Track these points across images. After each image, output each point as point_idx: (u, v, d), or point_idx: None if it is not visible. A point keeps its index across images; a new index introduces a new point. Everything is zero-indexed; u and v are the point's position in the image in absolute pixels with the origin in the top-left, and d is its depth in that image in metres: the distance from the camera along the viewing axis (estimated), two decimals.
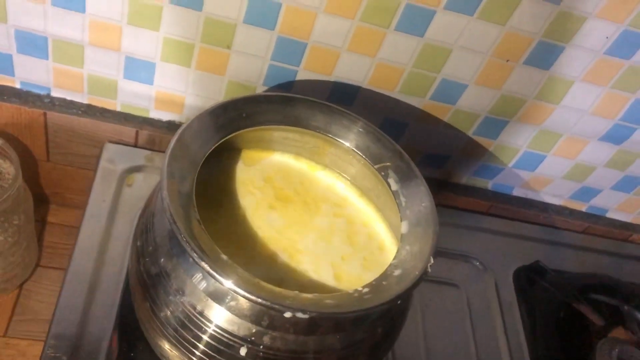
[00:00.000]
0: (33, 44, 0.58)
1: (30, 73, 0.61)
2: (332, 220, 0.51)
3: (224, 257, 0.39)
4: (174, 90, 0.63)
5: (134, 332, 0.50)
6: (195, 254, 0.37)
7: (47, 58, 0.59)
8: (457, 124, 0.66)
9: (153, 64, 0.60)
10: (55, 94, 0.63)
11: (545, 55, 0.58)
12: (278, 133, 0.51)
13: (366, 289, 0.40)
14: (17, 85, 0.62)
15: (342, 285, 0.46)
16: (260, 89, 0.62)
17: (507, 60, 0.59)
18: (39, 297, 0.67)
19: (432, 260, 0.42)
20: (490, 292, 0.68)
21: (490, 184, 0.75)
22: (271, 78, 0.61)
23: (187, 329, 0.41)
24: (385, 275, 0.42)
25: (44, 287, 0.68)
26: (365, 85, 0.62)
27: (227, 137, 0.46)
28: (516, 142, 0.68)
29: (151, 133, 0.65)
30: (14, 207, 0.57)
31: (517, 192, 0.76)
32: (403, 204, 0.47)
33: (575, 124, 0.66)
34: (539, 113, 0.65)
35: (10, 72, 0.61)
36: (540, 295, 0.68)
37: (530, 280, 0.69)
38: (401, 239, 0.45)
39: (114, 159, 0.64)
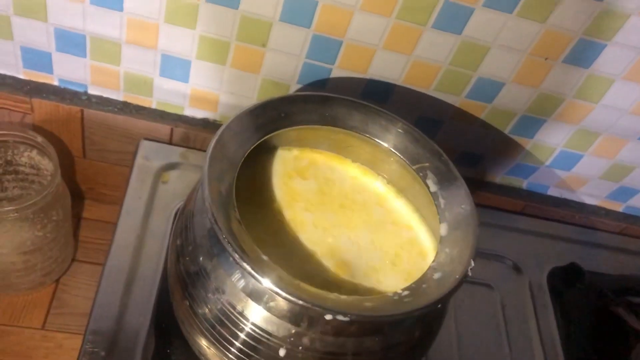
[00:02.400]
0: (71, 42, 0.59)
1: (68, 71, 0.62)
2: (370, 220, 0.51)
3: (265, 257, 0.39)
4: (208, 88, 0.63)
5: (171, 328, 0.50)
6: (236, 255, 0.37)
7: (85, 56, 0.60)
8: (493, 122, 0.65)
9: (189, 61, 0.60)
10: (92, 91, 0.64)
11: (585, 53, 0.57)
12: (315, 132, 0.50)
13: (406, 292, 0.40)
14: (56, 83, 0.63)
15: (381, 286, 0.45)
16: (293, 87, 0.62)
17: (546, 59, 0.58)
18: (75, 291, 0.68)
19: (472, 264, 0.42)
20: (524, 293, 0.67)
21: (525, 183, 0.74)
22: (305, 76, 0.61)
23: (225, 327, 0.41)
24: (425, 278, 0.41)
25: (79, 281, 0.69)
26: (400, 83, 0.61)
27: (265, 137, 0.46)
28: (553, 141, 0.67)
29: (186, 130, 0.66)
30: (52, 204, 0.58)
31: (552, 191, 0.74)
32: (442, 205, 0.47)
33: (615, 123, 0.64)
34: (577, 112, 0.63)
35: (49, 69, 0.62)
36: (576, 297, 0.67)
37: (565, 282, 0.68)
38: (440, 242, 0.45)
39: (149, 156, 0.64)
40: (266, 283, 0.37)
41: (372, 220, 0.51)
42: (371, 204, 0.52)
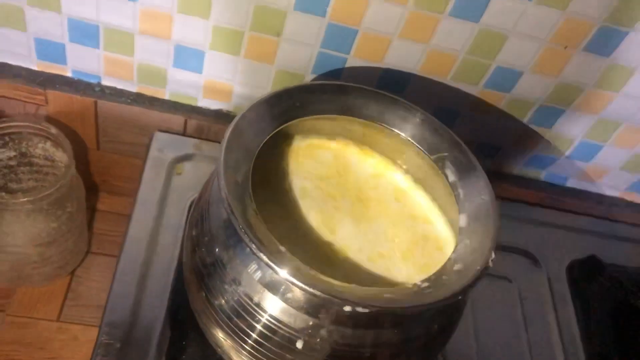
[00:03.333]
0: (85, 33, 0.58)
1: (81, 62, 0.61)
2: (387, 211, 0.50)
3: (282, 248, 0.38)
4: (222, 79, 0.62)
5: (186, 320, 0.50)
6: (253, 245, 0.37)
7: (98, 47, 0.60)
8: (511, 112, 0.64)
9: (202, 52, 0.60)
10: (105, 82, 0.63)
11: (606, 41, 0.56)
12: (331, 122, 0.50)
13: (425, 284, 0.39)
14: (69, 74, 0.63)
15: (399, 278, 0.45)
16: (308, 78, 0.61)
17: (566, 47, 0.57)
18: (89, 283, 0.68)
19: (493, 256, 0.41)
20: (542, 286, 0.66)
21: (543, 175, 0.72)
22: (320, 66, 0.60)
23: (242, 319, 0.41)
24: (444, 270, 0.41)
25: (94, 273, 0.69)
26: (416, 72, 0.60)
27: (281, 127, 0.45)
28: (572, 132, 0.66)
29: (199, 122, 0.65)
30: (67, 195, 0.58)
31: (571, 183, 0.73)
32: (461, 196, 0.46)
33: (636, 112, 0.63)
34: (598, 101, 0.62)
35: (63, 60, 0.61)
36: (596, 290, 0.66)
37: (584, 275, 0.67)
38: (460, 233, 0.44)
39: (163, 147, 0.64)
40: (283, 274, 0.36)
41: (390, 211, 0.50)
42: (389, 196, 0.51)
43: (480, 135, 0.67)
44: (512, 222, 0.70)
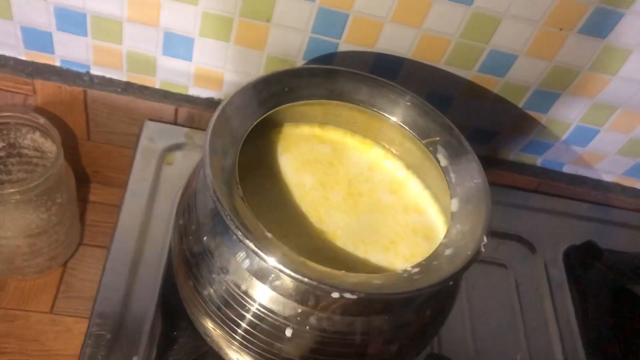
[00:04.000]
0: (72, 21, 0.57)
1: (69, 51, 0.60)
2: (378, 197, 0.49)
3: (269, 234, 0.37)
4: (212, 67, 0.61)
5: (177, 310, 0.49)
6: (239, 232, 0.36)
7: (86, 35, 0.59)
8: (506, 97, 0.63)
9: (192, 39, 0.59)
10: (94, 71, 0.63)
11: (602, 22, 0.55)
12: (321, 107, 0.49)
13: (416, 269, 0.38)
14: (57, 64, 0.62)
15: (390, 265, 0.44)
16: (300, 64, 0.60)
17: (561, 29, 0.56)
18: (82, 275, 0.67)
19: (485, 240, 0.40)
20: (539, 272, 0.65)
21: (539, 160, 0.71)
22: (311, 52, 0.59)
23: (231, 308, 0.40)
24: (435, 255, 0.40)
25: (87, 265, 0.68)
26: (409, 57, 0.59)
27: (269, 113, 0.45)
28: (568, 116, 0.65)
29: (190, 110, 0.64)
30: (56, 186, 0.57)
31: (567, 168, 0.72)
32: (453, 180, 0.45)
33: (632, 96, 0.62)
34: (594, 85, 0.61)
35: (50, 50, 0.60)
36: (592, 276, 0.65)
37: (581, 261, 0.66)
38: (451, 217, 0.43)
39: (153, 137, 0.63)
40: (270, 261, 0.35)
41: (381, 197, 0.49)
42: (380, 184, 0.50)
43: (475, 121, 0.66)
44: (508, 208, 0.69)
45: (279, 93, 0.46)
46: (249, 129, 0.43)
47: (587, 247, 0.67)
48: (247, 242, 0.36)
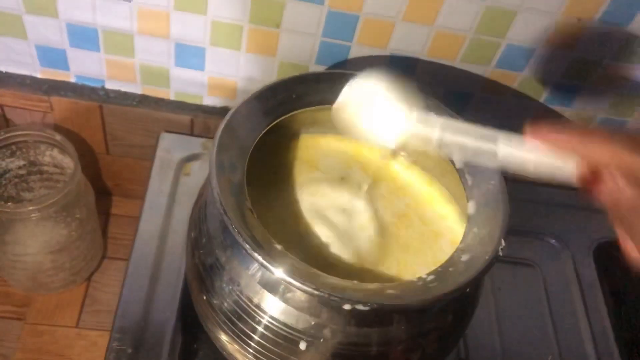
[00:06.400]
0: (84, 37, 0.58)
1: (84, 66, 0.61)
2: (393, 203, 0.48)
3: (278, 246, 0.37)
4: (225, 75, 0.61)
5: (196, 322, 0.49)
6: (248, 245, 0.35)
7: (98, 50, 0.59)
8: (526, 92, 0.61)
9: (203, 49, 0.58)
10: (109, 85, 0.63)
11: (622, 9, 0.53)
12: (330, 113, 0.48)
13: (431, 277, 0.37)
14: (72, 80, 0.62)
15: (406, 273, 0.43)
16: (312, 68, 0.60)
17: (579, 19, 0.54)
18: (106, 289, 0.68)
19: (503, 244, 0.39)
20: (568, 271, 0.63)
21: None
22: (324, 56, 0.58)
23: (244, 321, 0.40)
24: (451, 261, 0.38)
25: (111, 278, 0.69)
26: (424, 56, 0.58)
27: (276, 121, 0.44)
28: (593, 109, 0.63)
29: (206, 120, 0.64)
30: (75, 202, 0.58)
31: None
32: (469, 182, 0.43)
33: None
34: (618, 75, 0.59)
35: (65, 66, 0.61)
36: (625, 274, 0.63)
37: (612, 258, 0.64)
38: (468, 221, 0.42)
39: (170, 148, 0.63)
40: (279, 273, 0.35)
41: (396, 203, 0.48)
42: (395, 186, 0.49)
43: (496, 118, 0.64)
44: (534, 205, 0.67)
45: (286, 101, 0.45)
46: (257, 139, 0.42)
47: (618, 244, 0.64)
48: (255, 255, 0.35)
